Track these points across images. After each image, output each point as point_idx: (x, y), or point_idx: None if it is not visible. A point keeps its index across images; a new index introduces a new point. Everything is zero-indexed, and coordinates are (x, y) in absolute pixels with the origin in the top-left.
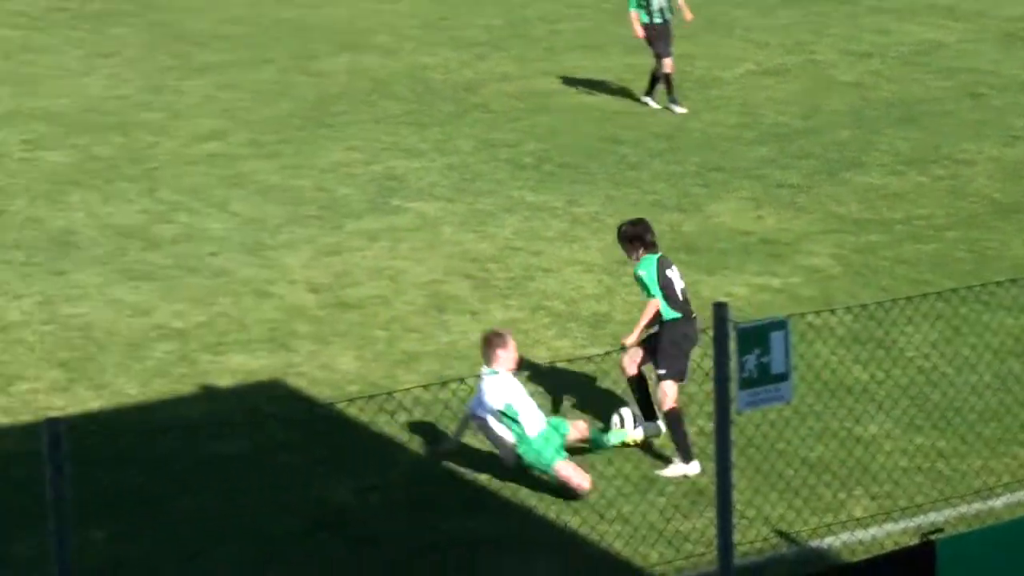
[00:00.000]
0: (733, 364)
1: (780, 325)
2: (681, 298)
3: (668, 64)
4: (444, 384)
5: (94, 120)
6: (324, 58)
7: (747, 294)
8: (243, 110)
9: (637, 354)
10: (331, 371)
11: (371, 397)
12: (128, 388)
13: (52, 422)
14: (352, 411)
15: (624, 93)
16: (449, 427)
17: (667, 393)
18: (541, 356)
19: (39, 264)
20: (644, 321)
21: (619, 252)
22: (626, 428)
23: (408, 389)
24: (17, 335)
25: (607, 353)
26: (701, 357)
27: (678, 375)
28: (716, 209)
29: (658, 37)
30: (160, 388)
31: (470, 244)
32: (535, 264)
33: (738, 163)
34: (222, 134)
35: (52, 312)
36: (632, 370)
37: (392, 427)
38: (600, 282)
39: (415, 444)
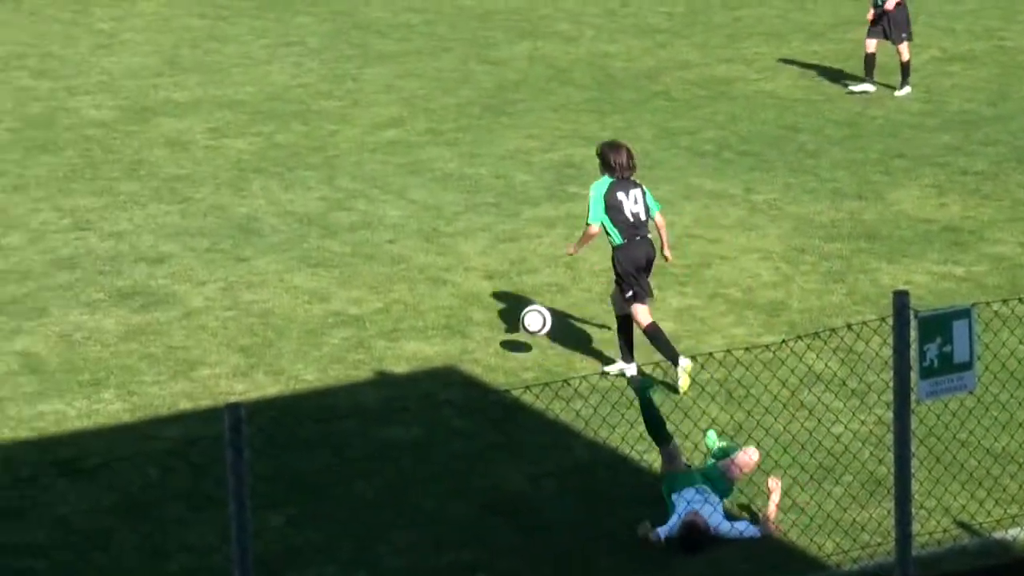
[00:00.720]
0: (914, 353)
1: (964, 313)
2: (631, 221)
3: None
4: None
5: (277, 108)
6: (503, 46)
7: (929, 282)
8: (422, 98)
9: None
10: (506, 358)
11: (546, 385)
12: (305, 374)
13: (233, 407)
14: (527, 398)
15: (805, 80)
16: (625, 415)
17: (638, 314)
18: (717, 344)
19: (222, 251)
20: (581, 243)
21: (797, 240)
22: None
23: (584, 377)
24: (200, 321)
25: (783, 341)
26: (880, 346)
27: (642, 295)
28: (897, 197)
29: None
30: (336, 374)
31: None
32: (712, 251)
33: (921, 150)
34: (401, 122)
35: (234, 298)
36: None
37: (567, 414)
38: (777, 270)
39: (590, 432)
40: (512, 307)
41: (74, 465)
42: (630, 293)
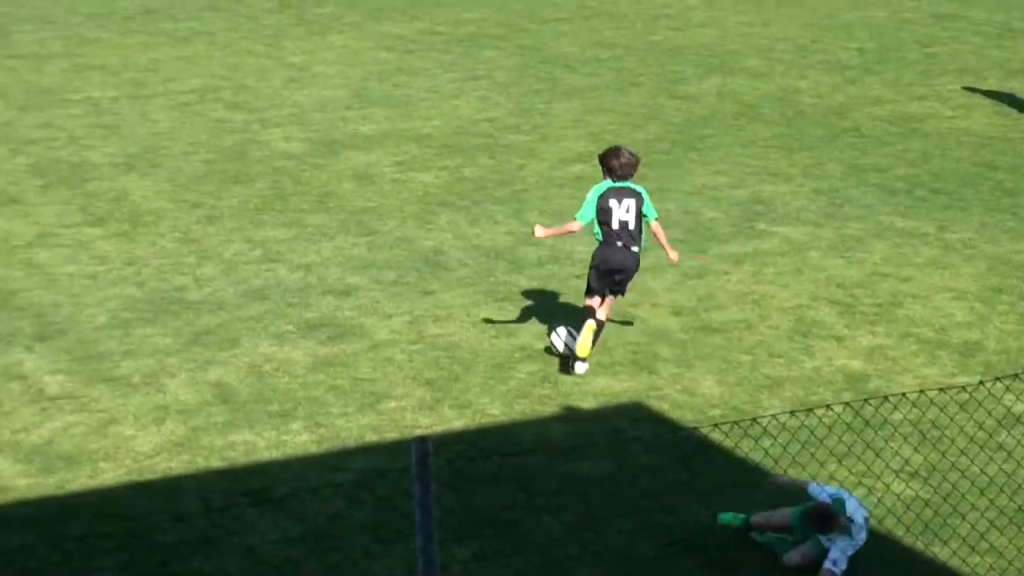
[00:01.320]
0: None
1: None
2: (615, 228)
3: None
4: (809, 411)
5: (464, 142)
6: (693, 81)
7: None
8: (610, 133)
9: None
10: (693, 395)
11: (735, 423)
12: (491, 408)
13: (420, 441)
14: (715, 436)
15: (1001, 118)
16: (815, 454)
17: (587, 299)
18: (909, 384)
19: (408, 284)
20: (558, 232)
21: (993, 280)
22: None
23: (774, 416)
24: (386, 354)
25: (980, 383)
26: None
27: (596, 291)
28: None
29: None
30: (523, 408)
31: (837, 269)
32: (903, 290)
33: None
34: (588, 157)
35: (420, 332)
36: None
37: (756, 453)
38: (972, 309)
39: (779, 470)
40: (700, 343)
41: (263, 495)
42: (587, 287)
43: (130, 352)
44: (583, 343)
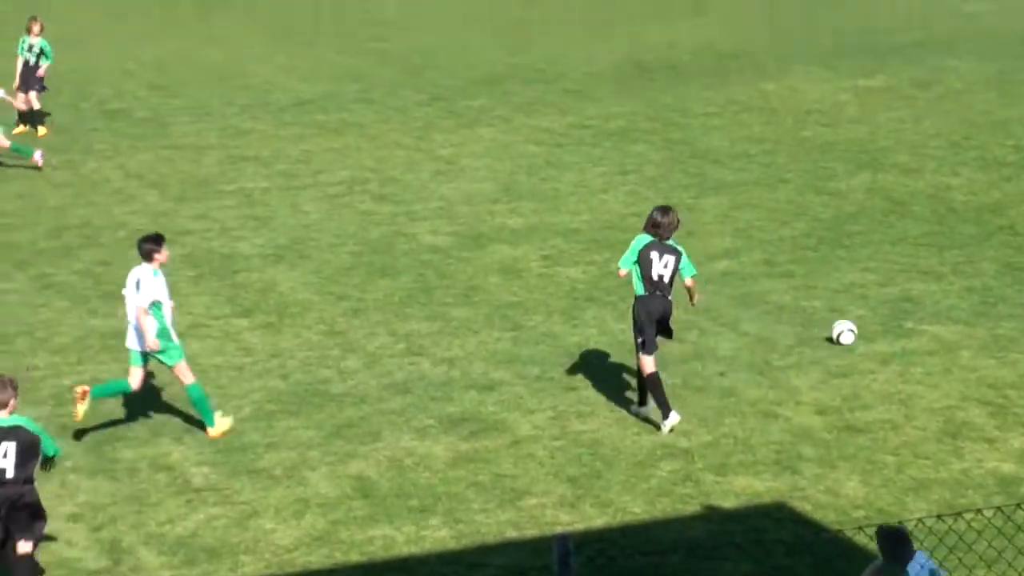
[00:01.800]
0: None
1: None
2: (654, 279)
3: None
4: (958, 514)
5: (611, 237)
6: (842, 177)
7: None
8: (758, 229)
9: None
10: (836, 496)
11: (880, 526)
12: (633, 506)
13: (562, 538)
14: (859, 539)
15: None
16: (963, 559)
17: (643, 362)
18: None
19: (552, 379)
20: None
21: None
22: None
23: (920, 519)
24: (528, 449)
25: None
26: None
27: (648, 346)
28: None
29: None
30: (664, 507)
31: (989, 370)
32: None
33: None
34: (736, 253)
35: (562, 427)
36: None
37: None
38: None
39: None
40: (844, 443)
41: None
42: (639, 340)
43: (273, 444)
44: (665, 427)
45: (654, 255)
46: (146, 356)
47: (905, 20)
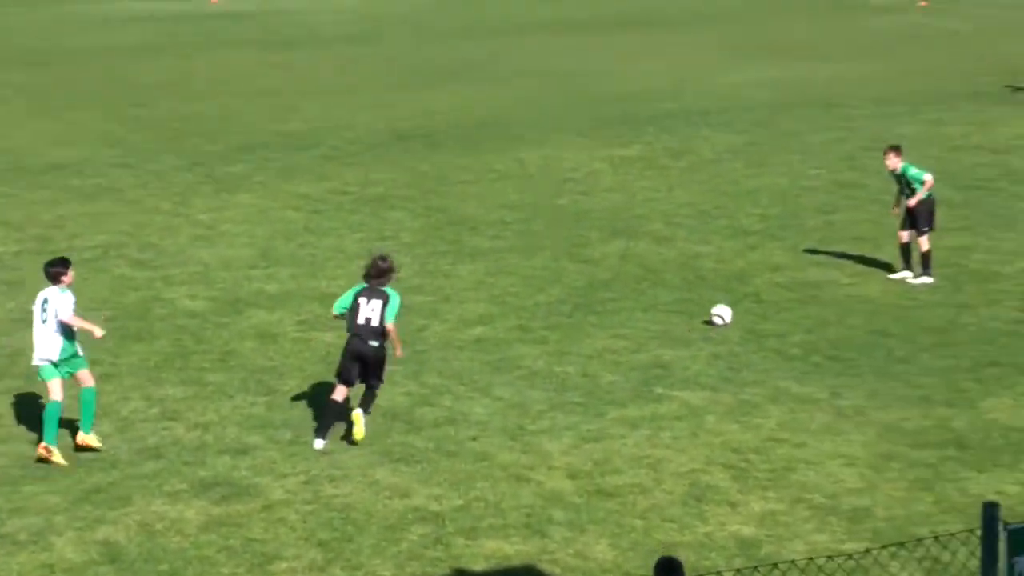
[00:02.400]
0: (1002, 565)
1: None
2: (359, 322)
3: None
4: None
5: None
6: (596, 244)
7: (1020, 493)
8: (513, 295)
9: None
10: (585, 559)
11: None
12: (383, 570)
13: None
14: None
15: (896, 286)
16: None
17: (336, 391)
18: (799, 550)
19: (306, 443)
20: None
21: (884, 447)
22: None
23: None
24: (280, 514)
25: (867, 550)
26: (968, 558)
27: (343, 377)
28: (990, 405)
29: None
30: (414, 570)
31: (733, 434)
32: (797, 456)
33: (1016, 358)
34: (490, 319)
35: (315, 492)
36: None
37: None
38: (862, 476)
39: None
40: (594, 507)
41: None
42: (337, 372)
43: (17, 510)
44: (357, 430)
45: (363, 299)
46: (56, 364)
47: (660, 91)
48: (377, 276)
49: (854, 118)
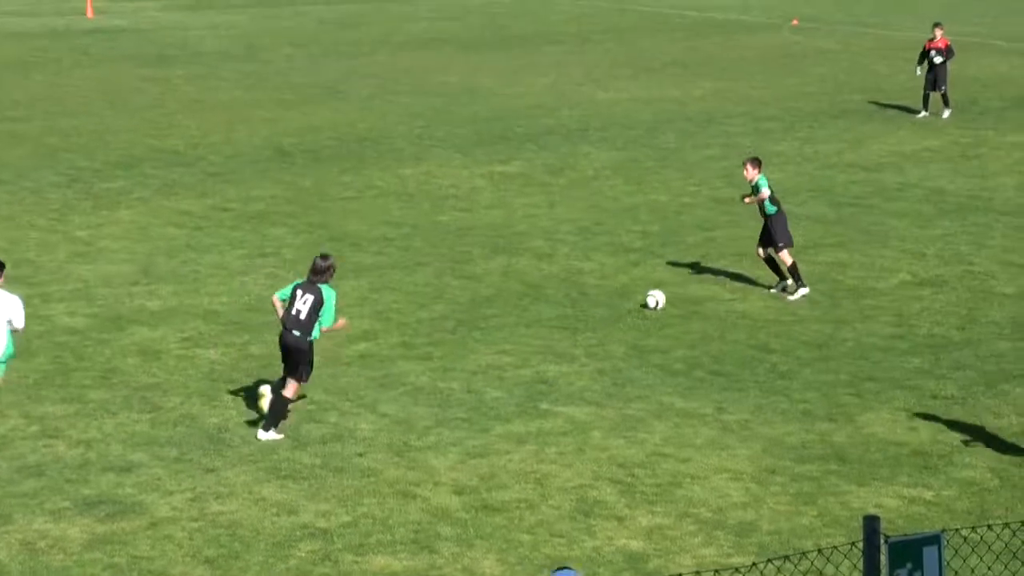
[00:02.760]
0: None
1: (933, 540)
2: (292, 313)
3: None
4: None
5: (251, 319)
6: (478, 261)
7: (899, 506)
8: (396, 312)
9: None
10: (473, 574)
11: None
12: None
13: None
14: None
15: (776, 302)
16: None
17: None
18: (686, 564)
19: (191, 461)
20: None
21: (768, 461)
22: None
23: None
24: (167, 531)
25: (753, 564)
26: (851, 571)
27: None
28: (868, 419)
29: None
30: None
31: (619, 449)
32: (683, 471)
33: (891, 374)
34: (374, 335)
35: (201, 509)
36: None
37: None
38: (748, 490)
39: None
40: (481, 523)
41: None
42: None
43: None
44: (262, 403)
45: (299, 292)
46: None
47: (539, 108)
48: (316, 273)
49: (731, 135)
